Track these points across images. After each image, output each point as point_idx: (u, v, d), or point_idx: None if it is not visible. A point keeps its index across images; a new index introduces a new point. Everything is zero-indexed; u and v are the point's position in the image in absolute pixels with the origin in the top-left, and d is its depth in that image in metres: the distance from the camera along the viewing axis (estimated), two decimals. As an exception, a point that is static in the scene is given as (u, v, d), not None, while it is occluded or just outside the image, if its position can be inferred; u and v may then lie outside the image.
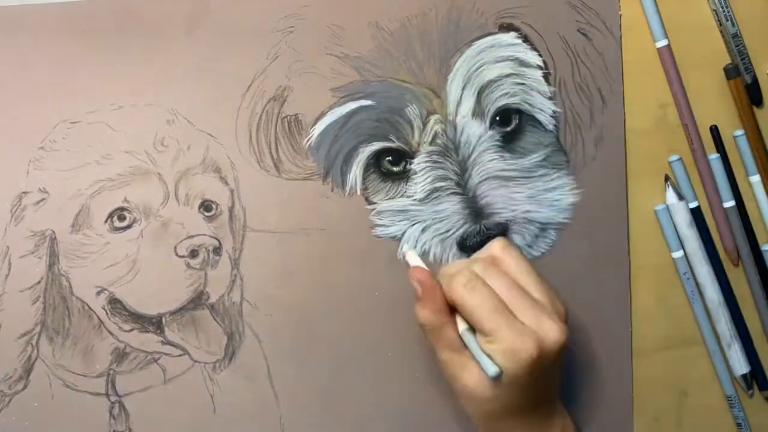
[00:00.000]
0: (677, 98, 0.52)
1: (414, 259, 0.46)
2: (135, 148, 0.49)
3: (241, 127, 0.50)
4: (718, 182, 0.53)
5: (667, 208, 0.53)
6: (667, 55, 0.51)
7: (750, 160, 0.53)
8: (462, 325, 0.43)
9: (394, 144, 0.50)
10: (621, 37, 0.52)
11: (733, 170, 0.53)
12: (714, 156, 0.53)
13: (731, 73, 0.52)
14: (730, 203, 0.53)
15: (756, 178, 0.53)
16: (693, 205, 0.53)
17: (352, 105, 0.50)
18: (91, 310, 0.49)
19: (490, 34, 0.51)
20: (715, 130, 0.53)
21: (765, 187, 0.53)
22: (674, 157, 0.53)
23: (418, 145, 0.50)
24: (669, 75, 0.52)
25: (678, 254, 0.53)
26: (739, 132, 0.53)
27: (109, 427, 0.49)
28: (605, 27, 0.52)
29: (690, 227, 0.52)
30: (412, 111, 0.50)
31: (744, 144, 0.53)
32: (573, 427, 0.46)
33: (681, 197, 0.52)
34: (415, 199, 0.51)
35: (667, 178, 0.52)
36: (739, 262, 0.54)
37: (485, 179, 0.51)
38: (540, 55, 0.51)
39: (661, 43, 0.51)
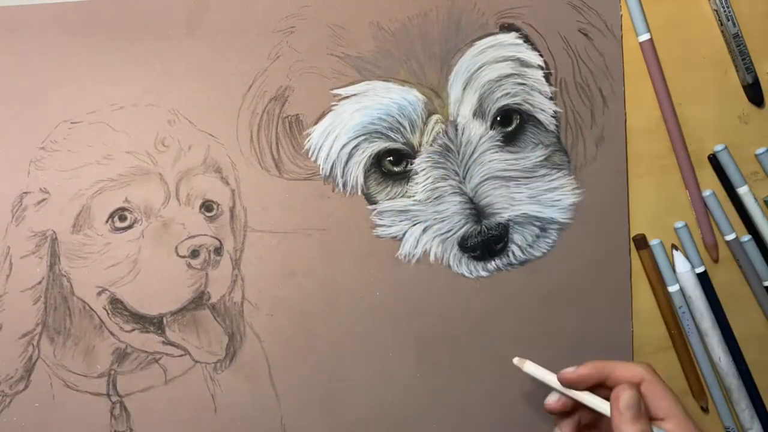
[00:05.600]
0: (659, 93, 0.52)
1: (538, 370, 0.43)
2: (136, 148, 0.49)
3: (242, 127, 0.50)
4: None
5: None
6: (649, 50, 0.51)
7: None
8: None
9: (395, 144, 0.50)
10: (622, 37, 0.52)
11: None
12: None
13: (640, 243, 0.53)
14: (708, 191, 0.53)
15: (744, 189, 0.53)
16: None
17: (353, 105, 0.50)
18: (92, 310, 0.49)
19: (491, 34, 0.51)
20: (713, 159, 0.53)
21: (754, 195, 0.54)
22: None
23: (419, 145, 0.50)
24: (651, 70, 0.52)
25: (674, 288, 0.54)
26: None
27: (110, 427, 0.49)
28: (606, 27, 0.52)
29: (696, 287, 0.53)
30: (413, 111, 0.50)
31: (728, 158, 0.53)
32: None
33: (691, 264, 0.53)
34: (416, 200, 0.51)
35: (674, 247, 0.53)
36: (718, 257, 0.54)
37: (486, 179, 0.51)
38: (541, 55, 0.51)
39: (644, 37, 0.51)
